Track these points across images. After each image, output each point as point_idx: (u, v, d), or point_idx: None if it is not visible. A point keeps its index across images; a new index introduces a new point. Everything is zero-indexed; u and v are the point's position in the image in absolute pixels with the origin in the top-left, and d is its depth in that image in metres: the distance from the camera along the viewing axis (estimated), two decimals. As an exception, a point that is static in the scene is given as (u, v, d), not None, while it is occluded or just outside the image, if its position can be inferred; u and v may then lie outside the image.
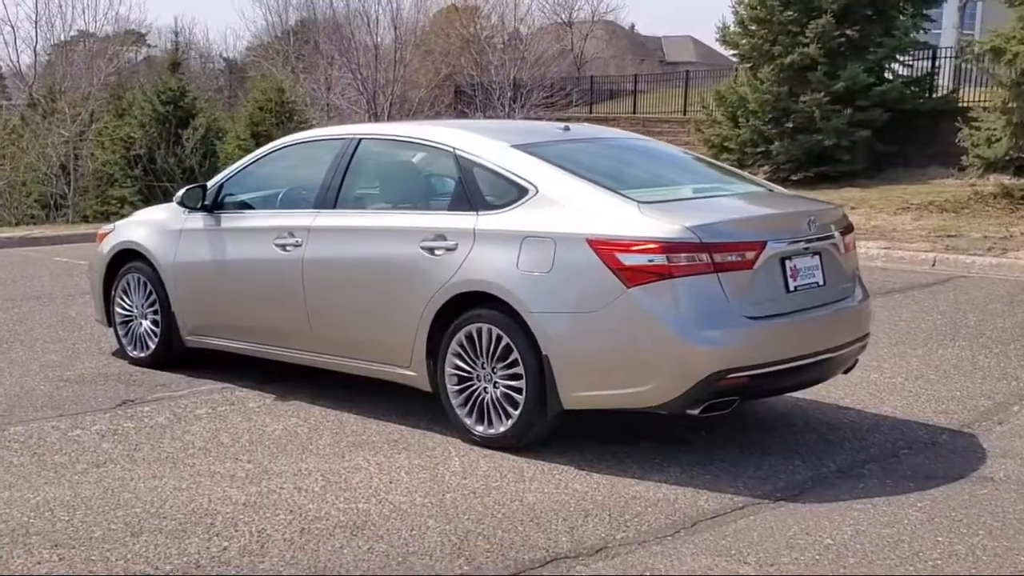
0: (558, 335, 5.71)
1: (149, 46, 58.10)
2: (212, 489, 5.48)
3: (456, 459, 5.95)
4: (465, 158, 6.31)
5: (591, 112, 33.93)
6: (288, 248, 6.90)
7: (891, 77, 23.48)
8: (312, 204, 7.04)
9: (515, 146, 6.33)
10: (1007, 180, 17.48)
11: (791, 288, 5.81)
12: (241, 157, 25.73)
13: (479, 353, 6.04)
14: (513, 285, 5.83)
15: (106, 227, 8.59)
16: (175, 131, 27.15)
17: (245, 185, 7.67)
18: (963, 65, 24.06)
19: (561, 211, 5.84)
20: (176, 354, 7.92)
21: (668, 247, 5.46)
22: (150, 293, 7.90)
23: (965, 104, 22.65)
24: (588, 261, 5.62)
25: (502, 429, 5.98)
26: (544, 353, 5.74)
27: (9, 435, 6.32)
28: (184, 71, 32.64)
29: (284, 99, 27.71)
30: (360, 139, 6.95)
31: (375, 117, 32.75)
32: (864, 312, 6.31)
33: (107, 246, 8.23)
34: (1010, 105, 17.05)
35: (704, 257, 5.49)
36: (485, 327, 5.99)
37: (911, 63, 24.16)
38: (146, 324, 7.99)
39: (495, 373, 5.99)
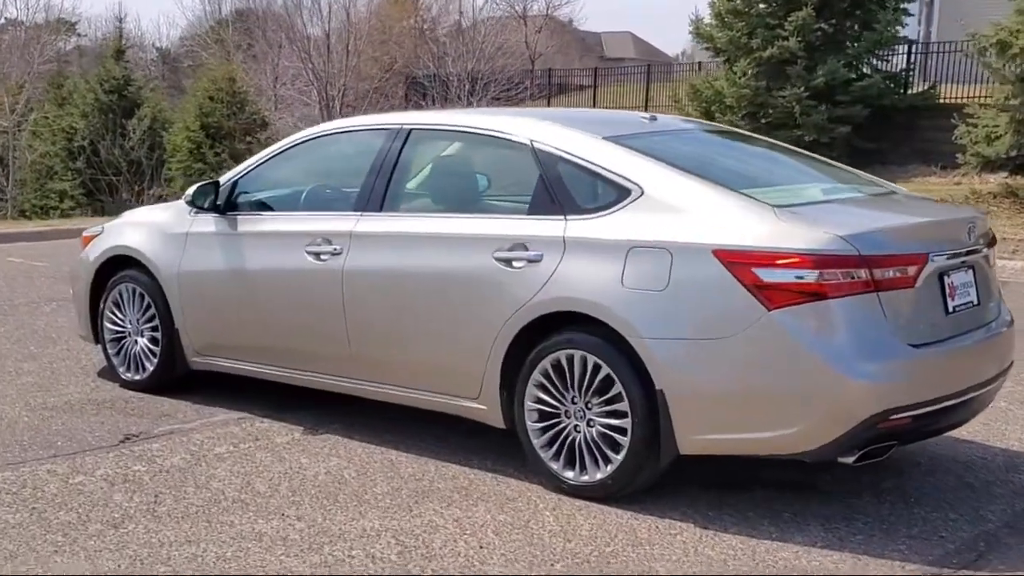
0: (676, 366, 4.75)
1: (80, 35, 56.64)
2: (265, 558, 4.46)
3: (547, 514, 4.97)
4: (546, 152, 5.32)
5: (548, 105, 32.99)
6: (324, 257, 5.86)
7: (869, 72, 22.80)
8: (352, 206, 6.00)
9: (607, 138, 5.35)
10: (1009, 179, 16.79)
11: (950, 309, 4.90)
12: (190, 149, 24.54)
13: (569, 385, 5.06)
14: (617, 305, 4.85)
15: (92, 229, 7.46)
16: (120, 121, 25.83)
17: (264, 182, 6.62)
18: (937, 60, 23.52)
19: (676, 216, 4.87)
20: (178, 377, 6.82)
21: (821, 261, 4.51)
22: (148, 306, 6.80)
23: (945, 101, 22.12)
24: (716, 277, 4.66)
25: (599, 476, 5.01)
26: (658, 388, 4.78)
27: (-3, 483, 5.21)
28: (128, 59, 31.17)
29: (235, 89, 26.48)
30: (410, 130, 5.92)
31: (327, 109, 31.60)
32: (1011, 336, 5.41)
33: (95, 252, 7.12)
34: (1012, 101, 16.35)
35: (863, 273, 4.56)
36: (578, 355, 5.01)
37: (888, 57, 23.50)
38: (142, 342, 6.89)
39: (590, 409, 5.02)
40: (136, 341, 6.94)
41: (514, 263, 5.20)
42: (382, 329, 5.72)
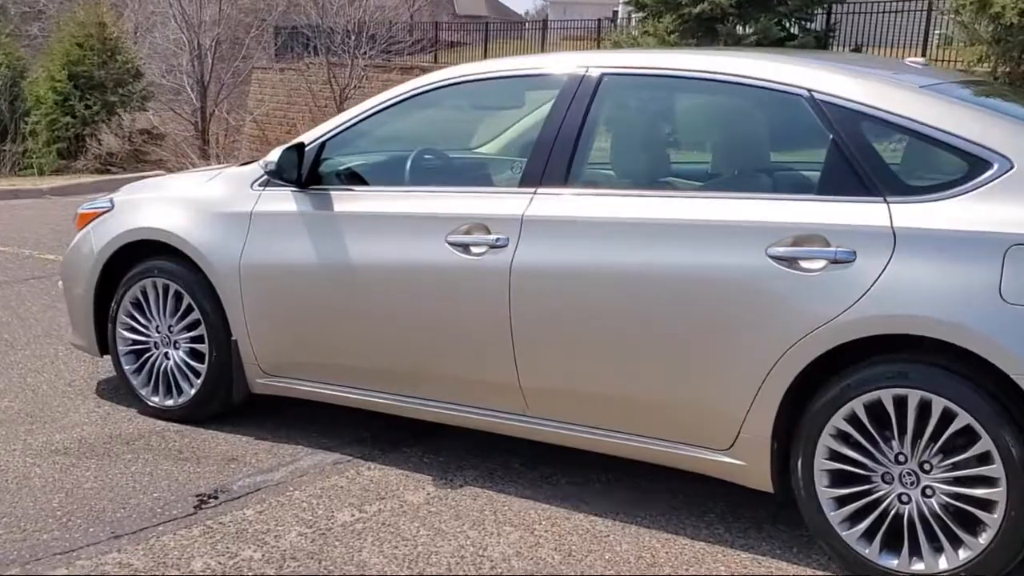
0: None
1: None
2: None
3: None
4: (838, 107, 3.83)
5: (436, 61, 31.18)
6: (477, 250, 4.24)
7: (798, 32, 21.77)
8: (518, 179, 4.36)
9: (926, 88, 3.85)
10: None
11: None
12: (56, 101, 22.00)
13: (894, 438, 3.56)
14: (995, 328, 3.37)
15: (94, 203, 5.61)
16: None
17: (366, 146, 4.90)
18: (864, 22, 22.72)
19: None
20: (231, 405, 5.07)
21: None
22: (188, 309, 5.05)
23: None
24: None
25: (951, 567, 3.52)
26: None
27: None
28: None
29: (106, 35, 23.90)
30: (601, 76, 4.30)
31: (199, 60, 29.19)
32: None
33: (103, 234, 5.30)
34: (985, 65, 15.39)
35: None
36: (915, 395, 3.55)
37: (813, 17, 22.51)
38: (177, 357, 5.14)
39: (927, 472, 3.60)
40: (167, 355, 5.18)
41: (802, 263, 3.67)
42: (574, 352, 4.11)
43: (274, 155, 4.71)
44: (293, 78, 31.32)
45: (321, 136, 4.84)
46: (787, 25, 21.46)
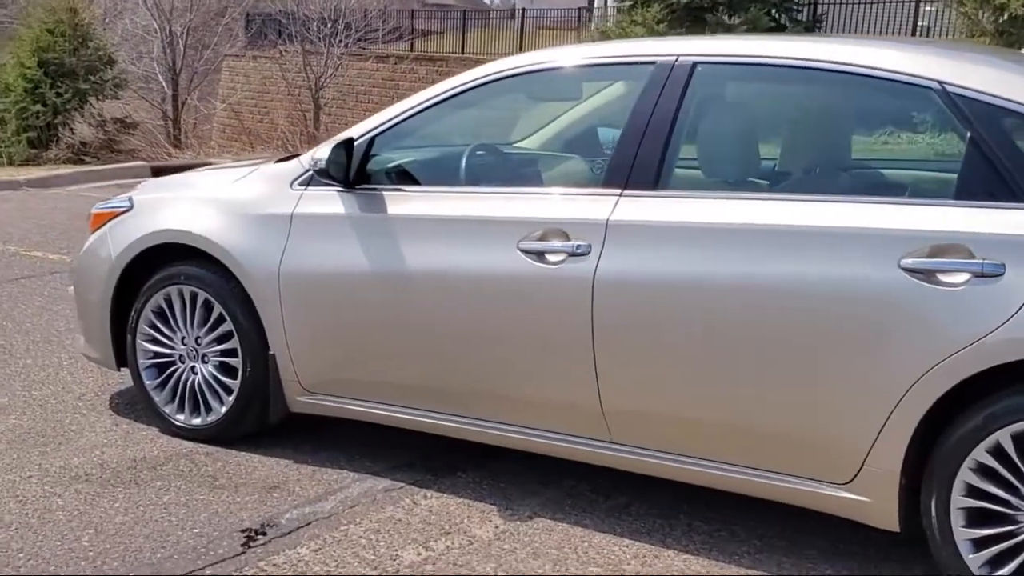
0: None
1: None
2: None
3: None
4: (977, 101, 3.38)
5: (412, 49, 30.66)
6: (553, 258, 3.81)
7: (787, 23, 21.47)
8: (601, 180, 3.94)
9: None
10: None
11: None
12: (27, 88, 21.34)
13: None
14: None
15: (110, 203, 5.12)
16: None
17: (420, 142, 4.49)
18: (851, 12, 22.45)
19: None
20: (264, 424, 4.61)
21: None
22: (219, 320, 4.57)
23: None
24: None
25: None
26: None
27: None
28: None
29: (77, 21, 23.23)
30: (693, 64, 3.86)
31: (170, 47, 28.56)
32: None
33: (123, 237, 4.83)
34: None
35: None
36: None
37: (802, 7, 22.22)
38: (206, 371, 4.67)
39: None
40: (194, 369, 4.69)
41: (943, 277, 3.24)
42: (667, 374, 3.68)
43: (323, 152, 4.24)
44: (266, 66, 30.70)
45: (371, 131, 4.38)
46: (776, 15, 21.13)
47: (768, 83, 4.08)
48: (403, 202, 4.27)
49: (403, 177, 4.43)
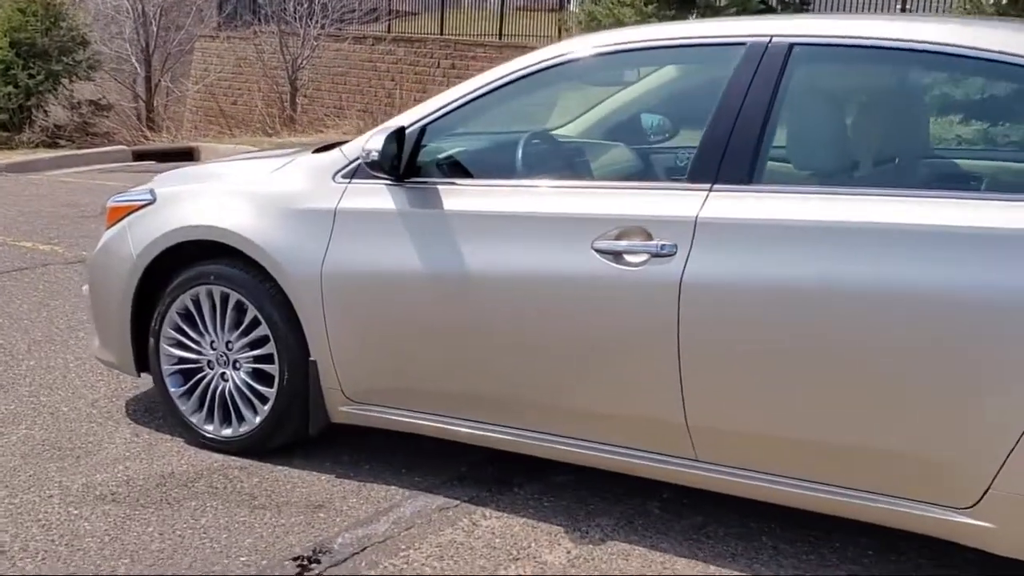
0: None
1: None
2: None
3: None
4: None
5: (389, 30, 30.15)
6: (634, 259, 3.49)
7: (777, 7, 21.14)
8: (686, 173, 3.60)
9: None
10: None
11: None
12: (-1, 70, 20.72)
13: None
14: None
15: (129, 195, 4.73)
16: None
17: (475, 131, 4.09)
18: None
19: None
20: (302, 435, 4.26)
21: None
22: (253, 323, 4.20)
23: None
24: None
25: None
26: None
27: None
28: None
29: (50, 0, 22.66)
30: (790, 46, 3.51)
31: (143, 28, 27.97)
32: None
33: (144, 233, 4.45)
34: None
35: None
36: None
37: (789, -10, 21.88)
38: (237, 379, 4.31)
39: None
40: (224, 376, 4.33)
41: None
42: (765, 388, 3.35)
43: (376, 142, 3.88)
44: (241, 47, 30.08)
45: (423, 118, 4.03)
46: (768, -1, 20.82)
47: (879, 67, 3.74)
48: (460, 197, 3.93)
49: (456, 169, 4.09)
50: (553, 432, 3.85)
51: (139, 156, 14.33)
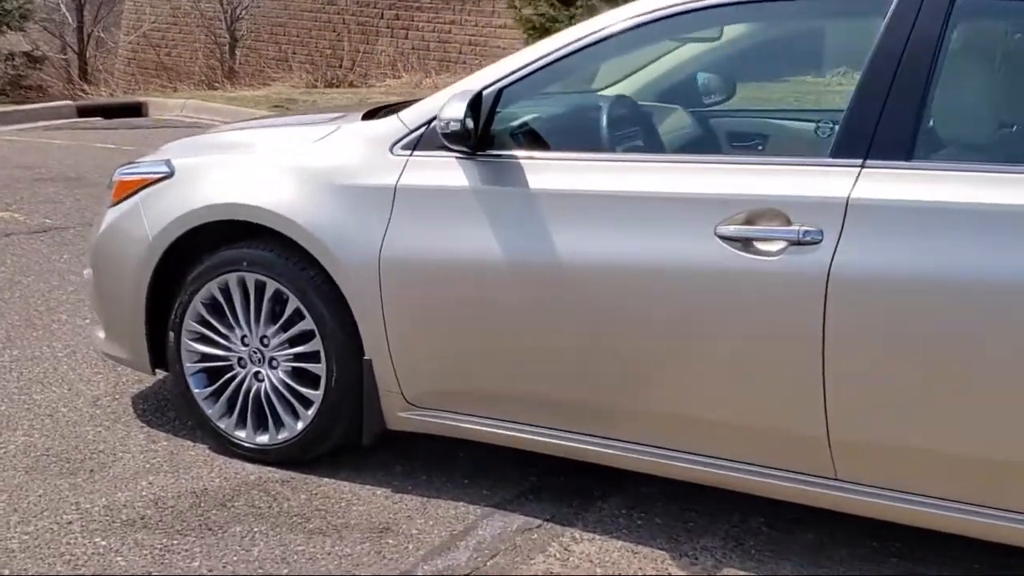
0: None
1: None
2: None
3: None
4: None
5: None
6: (767, 247, 2.99)
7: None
8: (828, 148, 3.08)
9: None
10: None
11: None
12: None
13: None
14: None
15: (142, 167, 4.10)
16: None
17: (563, 97, 3.53)
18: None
19: None
20: (353, 444, 3.71)
21: None
22: (294, 316, 3.64)
23: None
24: None
25: None
26: None
27: None
28: None
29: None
30: (952, -1, 3.00)
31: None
32: None
33: (162, 211, 3.86)
34: None
35: None
36: None
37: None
38: (275, 378, 3.73)
39: None
40: (259, 376, 3.75)
41: None
42: (933, 399, 2.87)
43: (453, 110, 3.30)
44: (175, -5, 28.99)
45: (498, 80, 3.46)
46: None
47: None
48: (546, 173, 3.39)
49: (535, 141, 3.55)
50: (657, 444, 3.36)
51: (83, 112, 13.49)
